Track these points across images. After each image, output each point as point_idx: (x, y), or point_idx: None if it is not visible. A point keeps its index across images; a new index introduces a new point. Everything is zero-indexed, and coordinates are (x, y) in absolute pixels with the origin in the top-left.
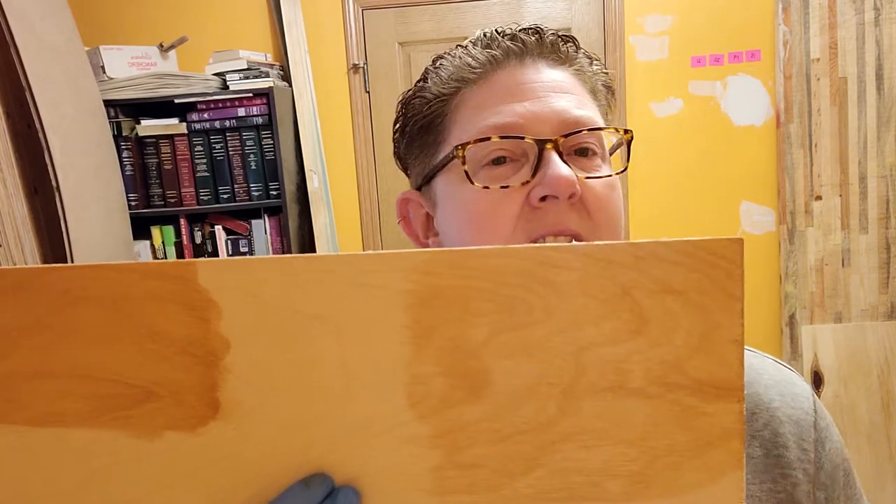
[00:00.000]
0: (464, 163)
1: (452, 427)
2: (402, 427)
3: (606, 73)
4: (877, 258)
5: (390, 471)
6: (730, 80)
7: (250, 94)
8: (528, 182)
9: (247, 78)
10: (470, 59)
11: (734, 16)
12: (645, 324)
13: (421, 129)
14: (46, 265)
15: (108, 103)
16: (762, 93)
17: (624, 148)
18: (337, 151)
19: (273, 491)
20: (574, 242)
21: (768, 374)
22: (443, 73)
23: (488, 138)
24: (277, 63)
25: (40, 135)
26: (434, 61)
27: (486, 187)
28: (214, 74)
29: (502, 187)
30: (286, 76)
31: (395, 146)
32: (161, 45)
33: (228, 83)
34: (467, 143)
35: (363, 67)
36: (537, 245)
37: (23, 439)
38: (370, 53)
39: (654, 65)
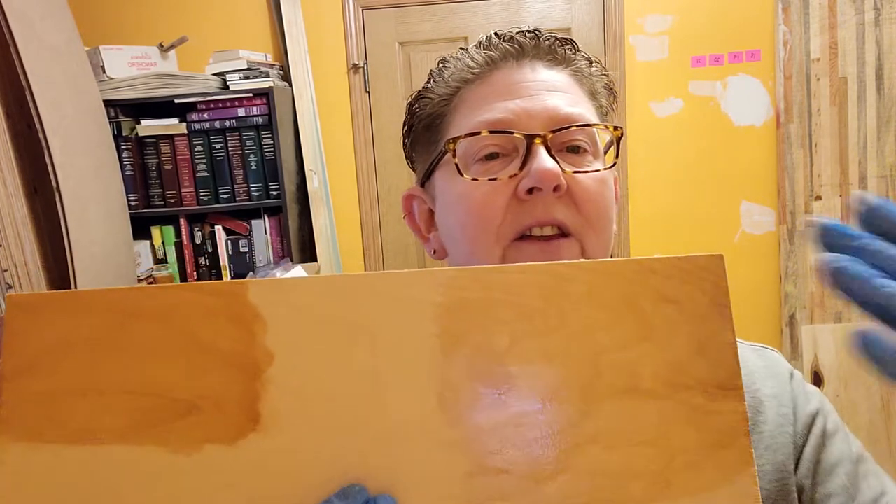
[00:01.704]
0: (454, 156)
1: (481, 432)
2: (434, 432)
3: (607, 75)
4: None
5: (423, 477)
6: (730, 80)
7: (250, 94)
8: (515, 175)
9: (247, 78)
10: (469, 61)
11: (734, 16)
12: (650, 330)
13: (424, 129)
14: (108, 288)
15: (108, 103)
16: (762, 93)
17: (614, 145)
18: (337, 151)
19: (310, 501)
20: (581, 260)
21: (751, 361)
22: (445, 75)
23: (479, 133)
24: (277, 63)
25: (40, 135)
26: (438, 64)
27: (476, 179)
28: (214, 74)
29: (490, 179)
30: (286, 76)
31: (403, 146)
32: (161, 45)
33: (228, 83)
34: (458, 137)
35: (363, 67)
36: (550, 262)
37: (57, 459)
38: (370, 53)
39: (654, 65)
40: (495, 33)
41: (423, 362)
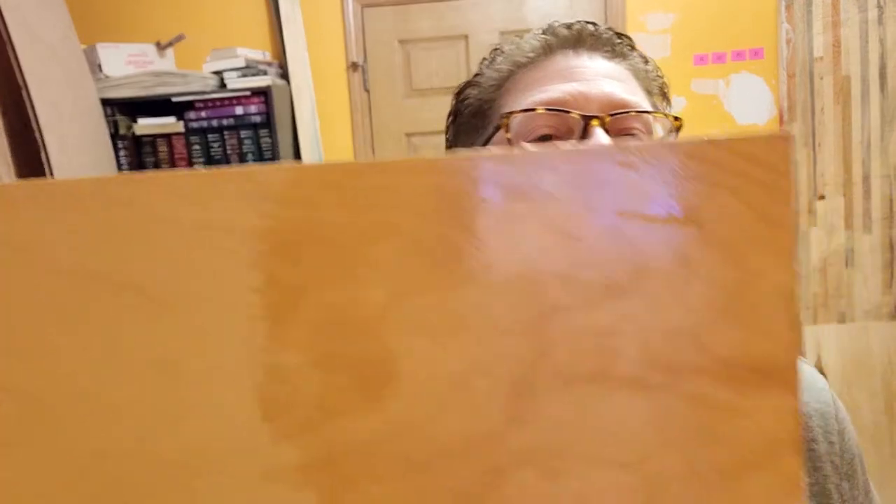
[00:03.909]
0: (507, 131)
1: (336, 451)
2: (254, 453)
3: (662, 77)
4: (881, 258)
5: None
6: (733, 79)
7: (248, 93)
8: None
9: (245, 76)
10: (525, 45)
11: (737, 14)
12: (641, 273)
13: (471, 115)
14: None
15: (105, 102)
16: (765, 91)
17: (674, 136)
18: (336, 150)
19: None
20: (527, 145)
21: None
22: (497, 60)
23: (534, 110)
24: (276, 61)
25: (37, 133)
26: (491, 52)
27: None
28: (212, 72)
29: None
30: (285, 74)
31: (446, 139)
32: (158, 43)
33: (226, 81)
34: (513, 112)
35: (362, 66)
36: (478, 153)
37: None
38: (369, 51)
39: (657, 63)
40: (554, 21)
41: (230, 339)
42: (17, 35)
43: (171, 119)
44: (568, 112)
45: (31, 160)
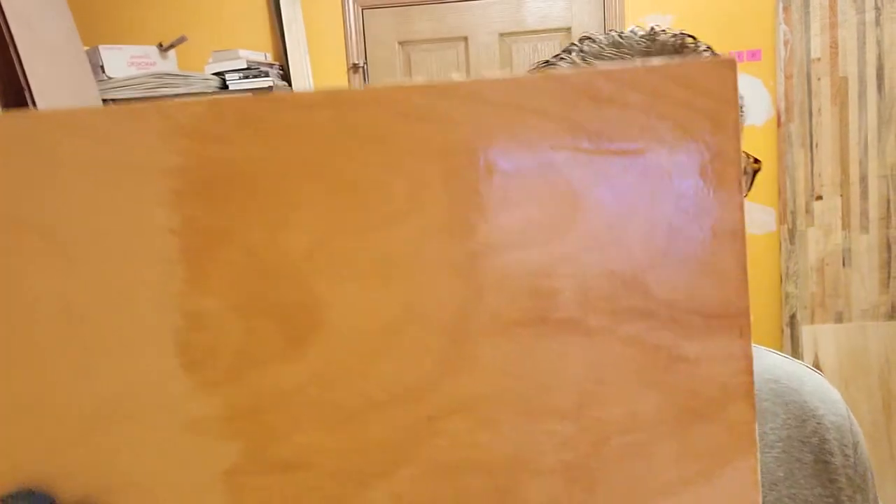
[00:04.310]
0: None
1: (260, 401)
2: (174, 404)
3: (744, 112)
4: (878, 258)
5: (156, 479)
6: None
7: (250, 94)
8: None
9: (246, 77)
10: (626, 43)
11: (735, 15)
12: (577, 211)
13: None
14: None
15: (108, 103)
16: (763, 92)
17: (748, 176)
18: None
19: None
20: (456, 77)
21: (807, 379)
22: (586, 49)
23: None
24: (277, 63)
25: None
26: (580, 40)
27: None
28: (214, 74)
29: None
30: (286, 76)
31: None
32: (160, 45)
33: (228, 83)
34: None
35: (363, 67)
36: (398, 84)
37: None
38: (370, 53)
39: None
40: (654, 26)
41: (149, 283)
42: (19, 36)
43: None
44: None
45: None
